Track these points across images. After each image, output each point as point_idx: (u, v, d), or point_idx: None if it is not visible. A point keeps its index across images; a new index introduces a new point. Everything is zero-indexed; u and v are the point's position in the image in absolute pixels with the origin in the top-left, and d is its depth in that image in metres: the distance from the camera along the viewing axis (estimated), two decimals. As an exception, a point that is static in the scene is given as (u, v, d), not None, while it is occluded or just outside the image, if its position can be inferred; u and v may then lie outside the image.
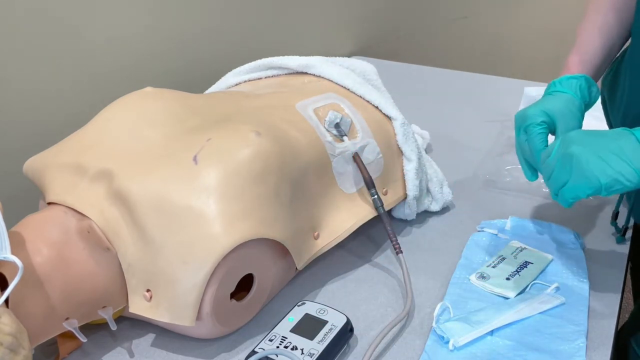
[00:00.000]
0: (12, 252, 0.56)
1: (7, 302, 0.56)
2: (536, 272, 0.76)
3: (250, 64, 0.93)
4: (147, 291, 0.64)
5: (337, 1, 1.45)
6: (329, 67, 0.89)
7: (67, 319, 0.62)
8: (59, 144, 0.73)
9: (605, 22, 0.82)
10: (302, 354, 0.62)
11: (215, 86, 0.95)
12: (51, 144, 0.74)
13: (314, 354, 0.62)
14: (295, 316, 0.67)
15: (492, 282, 0.75)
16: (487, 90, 1.34)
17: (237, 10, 1.18)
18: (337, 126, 0.79)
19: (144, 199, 0.64)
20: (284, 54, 0.93)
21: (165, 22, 1.04)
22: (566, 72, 0.81)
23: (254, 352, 0.62)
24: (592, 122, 0.92)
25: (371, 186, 0.78)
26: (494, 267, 0.77)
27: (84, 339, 0.63)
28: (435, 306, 0.71)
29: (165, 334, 0.69)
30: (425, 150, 1.05)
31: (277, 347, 0.63)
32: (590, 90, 0.79)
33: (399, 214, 0.88)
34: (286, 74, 0.92)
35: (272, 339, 0.64)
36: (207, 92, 0.95)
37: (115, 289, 0.65)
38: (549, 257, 0.79)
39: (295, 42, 1.35)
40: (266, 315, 0.72)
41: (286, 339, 0.64)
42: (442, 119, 1.20)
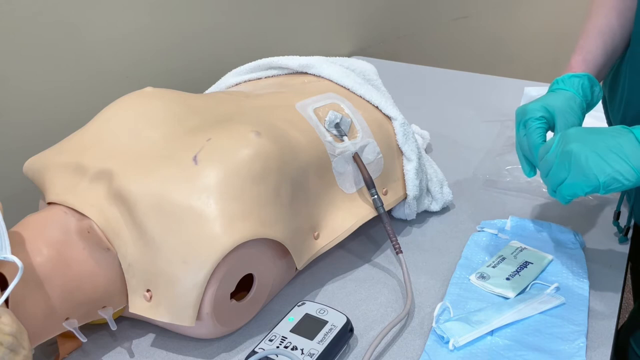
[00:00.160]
0: (12, 252, 0.56)
1: (7, 302, 0.56)
2: (536, 272, 0.76)
3: (250, 64, 0.93)
4: (147, 291, 0.64)
5: (337, 1, 1.45)
6: (329, 67, 0.89)
7: (67, 319, 0.62)
8: (58, 144, 0.73)
9: (607, 24, 0.82)
10: (302, 354, 0.62)
11: (215, 86, 0.95)
12: (51, 144, 0.74)
13: (314, 354, 0.62)
14: (295, 316, 0.67)
15: (492, 282, 0.75)
16: (487, 90, 1.34)
17: (237, 10, 1.18)
18: (337, 126, 0.79)
19: (144, 199, 0.64)
20: (284, 54, 0.93)
21: (165, 22, 1.04)
22: (569, 71, 0.81)
23: (254, 352, 0.62)
24: (592, 122, 0.92)
25: (371, 186, 0.78)
26: (494, 267, 0.77)
27: (84, 339, 0.63)
28: (435, 306, 0.71)
29: (165, 334, 0.69)
30: (425, 150, 1.05)
31: (277, 347, 0.63)
32: (592, 89, 0.79)
33: (399, 214, 0.88)
34: (286, 74, 0.92)
35: (272, 339, 0.64)
36: (207, 92, 0.95)
37: (115, 289, 0.65)
38: (549, 257, 0.79)
39: (295, 42, 1.35)
40: (266, 315, 0.72)
41: (286, 339, 0.64)
42: (442, 119, 1.20)
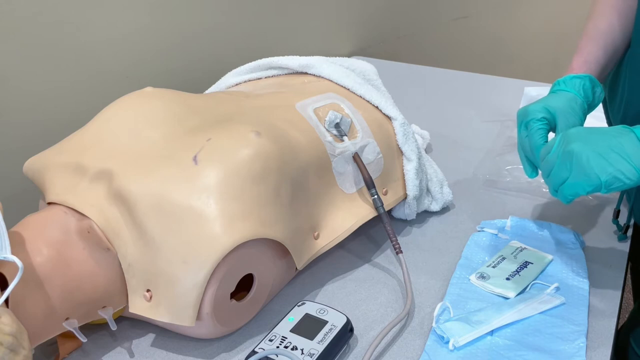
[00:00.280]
0: (12, 252, 0.56)
1: (7, 302, 0.56)
2: (536, 272, 0.76)
3: (250, 64, 0.93)
4: (147, 291, 0.64)
5: (337, 1, 1.45)
6: (329, 67, 0.89)
7: (67, 319, 0.62)
8: (58, 144, 0.73)
9: (608, 25, 0.82)
10: (302, 354, 0.62)
11: (215, 86, 0.95)
12: (51, 144, 0.74)
13: (314, 354, 0.62)
14: (295, 316, 0.67)
15: (492, 282, 0.75)
16: (487, 90, 1.34)
17: (237, 10, 1.18)
18: (337, 126, 0.79)
19: (144, 199, 0.64)
20: (284, 54, 0.93)
21: (165, 22, 1.04)
22: (570, 72, 0.81)
23: (254, 352, 0.62)
24: (593, 122, 0.92)
25: (371, 186, 0.78)
26: (494, 267, 0.77)
27: (84, 339, 0.63)
28: (435, 306, 0.71)
29: (165, 334, 0.69)
30: (425, 150, 1.05)
31: (277, 347, 0.63)
32: (594, 90, 0.79)
33: (399, 214, 0.88)
34: (286, 74, 0.92)
35: (272, 339, 0.64)
36: (207, 92, 0.95)
37: (115, 289, 0.65)
38: (549, 257, 0.79)
39: (295, 42, 1.35)
40: (266, 315, 0.72)
41: (286, 339, 0.64)
42: (442, 119, 1.20)
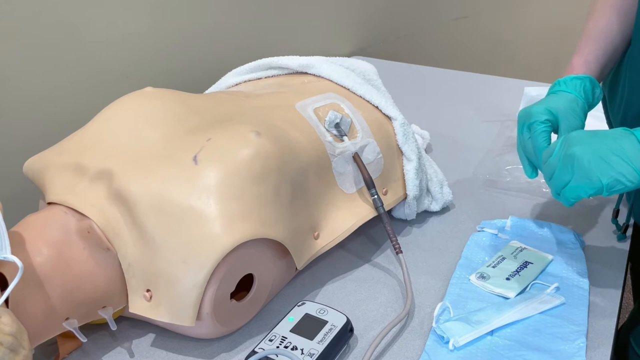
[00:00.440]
0: (12, 252, 0.56)
1: (7, 302, 0.56)
2: (536, 272, 0.76)
3: (250, 64, 0.93)
4: (147, 291, 0.64)
5: (337, 1, 1.45)
6: (329, 67, 0.89)
7: (67, 319, 0.62)
8: (58, 144, 0.73)
9: (608, 25, 0.82)
10: (302, 354, 0.62)
11: (215, 86, 0.95)
12: (51, 144, 0.74)
13: (314, 354, 0.62)
14: (295, 316, 0.67)
15: (492, 282, 0.75)
16: (487, 90, 1.34)
17: (237, 10, 1.18)
18: (337, 126, 0.79)
19: (144, 199, 0.64)
20: (284, 54, 0.93)
21: (165, 22, 1.04)
22: (571, 73, 0.81)
23: (254, 352, 0.62)
24: (592, 122, 0.92)
25: (371, 186, 0.78)
26: (494, 267, 0.77)
27: (84, 339, 0.63)
28: (435, 306, 0.71)
29: (165, 334, 0.69)
30: (425, 150, 1.05)
31: (277, 347, 0.63)
32: (593, 91, 0.79)
33: (399, 214, 0.88)
34: (286, 74, 0.92)
35: (272, 339, 0.64)
36: (207, 92, 0.95)
37: (115, 289, 0.65)
38: (549, 257, 0.79)
39: (295, 42, 1.35)
40: (266, 315, 0.72)
41: (286, 339, 0.64)
42: (442, 119, 1.20)
